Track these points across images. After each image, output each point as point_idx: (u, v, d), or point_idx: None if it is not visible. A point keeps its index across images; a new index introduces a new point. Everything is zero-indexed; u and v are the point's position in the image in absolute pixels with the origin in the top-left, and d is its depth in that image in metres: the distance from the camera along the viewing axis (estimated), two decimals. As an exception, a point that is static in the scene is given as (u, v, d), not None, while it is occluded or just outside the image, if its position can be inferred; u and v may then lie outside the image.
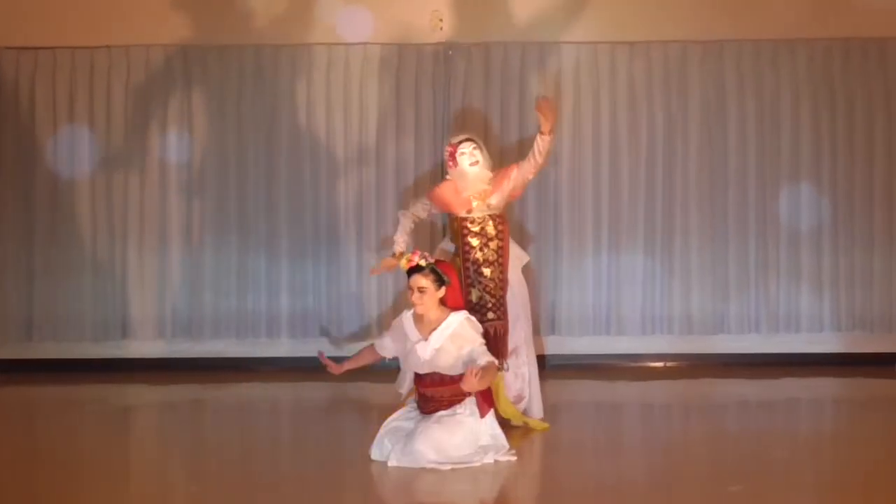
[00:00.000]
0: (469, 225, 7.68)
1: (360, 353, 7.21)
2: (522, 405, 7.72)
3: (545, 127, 7.58)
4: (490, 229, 7.68)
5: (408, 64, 10.09)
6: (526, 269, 8.08)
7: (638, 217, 10.14)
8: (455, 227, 7.76)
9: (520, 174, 7.79)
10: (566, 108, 10.11)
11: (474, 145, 7.71)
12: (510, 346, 7.70)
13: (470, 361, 6.66)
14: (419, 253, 6.91)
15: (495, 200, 7.75)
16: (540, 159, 7.73)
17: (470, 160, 7.68)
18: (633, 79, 10.14)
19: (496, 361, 6.75)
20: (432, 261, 6.92)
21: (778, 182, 10.13)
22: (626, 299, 10.14)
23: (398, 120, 10.08)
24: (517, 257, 7.92)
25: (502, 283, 7.69)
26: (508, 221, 7.93)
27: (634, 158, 10.14)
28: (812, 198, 10.12)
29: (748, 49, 10.12)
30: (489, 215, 7.71)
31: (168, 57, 10.06)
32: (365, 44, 10.06)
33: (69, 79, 10.06)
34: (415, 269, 6.82)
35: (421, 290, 6.77)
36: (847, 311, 10.16)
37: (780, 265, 10.15)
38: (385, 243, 9.65)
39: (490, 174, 7.75)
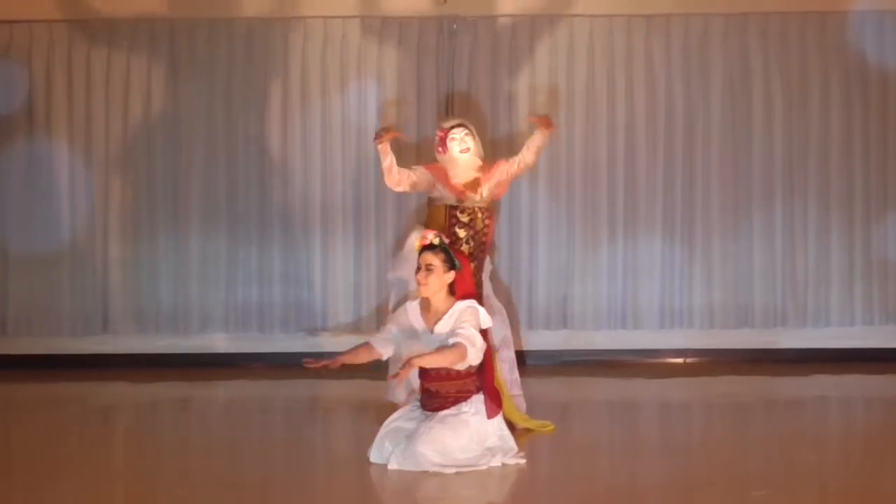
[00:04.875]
0: (459, 214, 7.64)
1: (355, 349, 7.13)
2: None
3: (545, 127, 7.65)
4: (479, 222, 7.64)
5: (409, 39, 10.09)
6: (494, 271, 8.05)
7: (656, 203, 10.14)
8: (439, 214, 7.71)
9: (507, 169, 7.78)
10: (579, 85, 10.11)
11: (466, 131, 7.68)
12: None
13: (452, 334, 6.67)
14: (433, 232, 6.92)
15: (486, 192, 7.74)
16: (531, 156, 7.76)
17: (461, 146, 7.65)
18: (651, 54, 10.13)
19: (466, 348, 6.67)
20: (447, 242, 6.93)
21: (806, 165, 10.13)
22: (643, 291, 10.15)
23: (398, 98, 10.07)
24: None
25: (479, 281, 7.65)
26: (496, 217, 7.93)
27: (652, 140, 10.13)
28: (843, 182, 10.11)
29: (774, 22, 10.11)
30: (479, 207, 7.70)
31: (153, 31, 10.06)
32: (363, 17, 10.06)
33: (46, 55, 10.06)
34: (427, 248, 6.83)
35: (429, 267, 6.76)
36: (880, 304, 10.17)
37: (808, 254, 10.15)
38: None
39: (480, 162, 7.73)
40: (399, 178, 7.66)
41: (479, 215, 7.67)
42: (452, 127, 7.71)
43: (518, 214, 10.06)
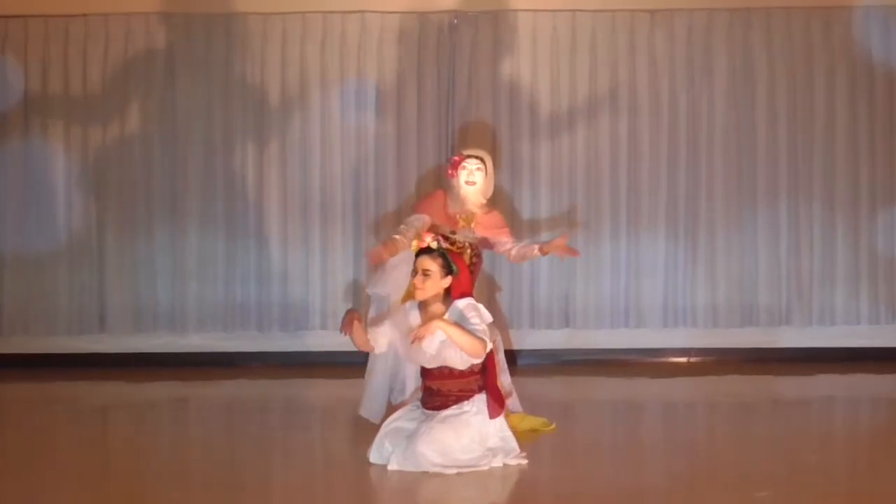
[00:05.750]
0: (448, 246, 7.64)
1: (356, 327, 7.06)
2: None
3: (546, 250, 7.66)
4: (466, 257, 7.67)
5: (409, 34, 10.06)
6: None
7: (659, 200, 10.13)
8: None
9: (502, 240, 7.84)
10: (582, 81, 10.09)
11: (479, 166, 7.77)
12: None
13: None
14: (432, 235, 6.92)
15: (478, 232, 7.78)
16: (516, 256, 7.80)
17: (467, 178, 7.76)
18: (654, 49, 10.11)
19: (487, 343, 6.70)
20: (445, 246, 6.92)
21: (811, 162, 10.11)
22: (646, 289, 10.13)
23: (399, 95, 10.05)
24: None
25: None
26: (483, 261, 7.96)
27: (655, 136, 10.11)
28: (848, 178, 10.10)
29: (779, 17, 10.09)
30: (470, 243, 7.74)
31: (149, 26, 10.04)
32: (362, 12, 10.03)
33: (42, 50, 10.04)
34: (424, 251, 6.83)
35: (426, 272, 6.77)
36: (886, 302, 10.15)
37: (813, 252, 10.13)
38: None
39: (483, 201, 7.78)
40: (414, 237, 7.69)
41: (468, 251, 7.70)
42: (469, 156, 7.75)
43: (520, 211, 10.04)
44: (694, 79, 10.11)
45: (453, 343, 6.64)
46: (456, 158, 7.81)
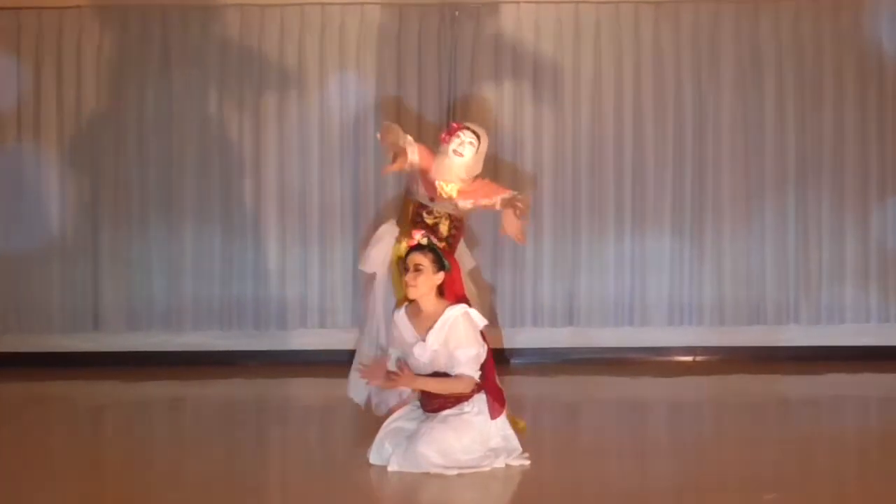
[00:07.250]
0: (424, 215, 7.57)
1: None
2: None
3: (503, 205, 7.54)
4: (443, 229, 7.55)
5: (410, 27, 10.06)
6: (475, 272, 8.03)
7: (665, 196, 10.12)
8: (408, 210, 7.65)
9: (493, 202, 7.69)
10: (585, 75, 10.08)
11: (472, 140, 7.56)
12: None
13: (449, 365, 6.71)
14: (421, 232, 6.92)
15: (463, 204, 7.62)
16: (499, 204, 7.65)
17: (456, 147, 7.55)
18: (659, 42, 10.11)
19: (474, 378, 6.72)
20: (436, 242, 6.93)
21: (820, 156, 10.11)
22: (651, 286, 10.13)
23: (399, 89, 10.04)
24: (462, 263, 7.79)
25: None
26: (465, 230, 7.77)
27: (661, 131, 10.11)
28: (858, 174, 10.09)
29: (787, 9, 10.09)
30: (449, 214, 7.60)
31: (145, 18, 10.04)
32: (362, 4, 10.03)
33: (35, 44, 10.04)
34: (415, 248, 6.83)
35: (417, 267, 6.75)
36: (896, 300, 10.16)
37: (821, 248, 10.13)
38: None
39: (465, 177, 7.56)
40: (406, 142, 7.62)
41: (446, 222, 7.57)
42: (465, 127, 7.64)
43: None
44: (700, 72, 10.11)
45: (441, 391, 6.72)
46: (454, 125, 7.67)
